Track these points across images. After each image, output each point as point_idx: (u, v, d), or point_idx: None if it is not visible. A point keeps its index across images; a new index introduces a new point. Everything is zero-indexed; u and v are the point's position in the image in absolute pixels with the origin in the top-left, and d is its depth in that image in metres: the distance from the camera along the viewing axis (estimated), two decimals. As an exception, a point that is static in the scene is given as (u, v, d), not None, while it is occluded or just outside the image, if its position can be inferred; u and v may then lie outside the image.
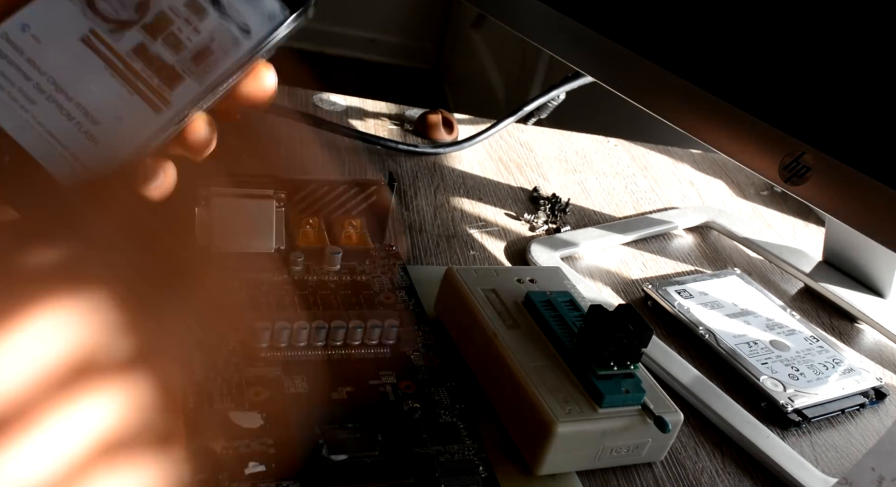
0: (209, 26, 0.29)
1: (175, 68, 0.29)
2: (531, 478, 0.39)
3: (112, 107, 0.28)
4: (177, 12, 0.29)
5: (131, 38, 0.29)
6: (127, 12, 0.29)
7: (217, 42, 0.30)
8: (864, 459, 0.33)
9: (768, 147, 0.40)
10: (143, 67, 0.29)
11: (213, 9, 0.30)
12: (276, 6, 0.31)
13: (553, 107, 0.72)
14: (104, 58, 0.28)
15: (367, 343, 0.42)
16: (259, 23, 0.30)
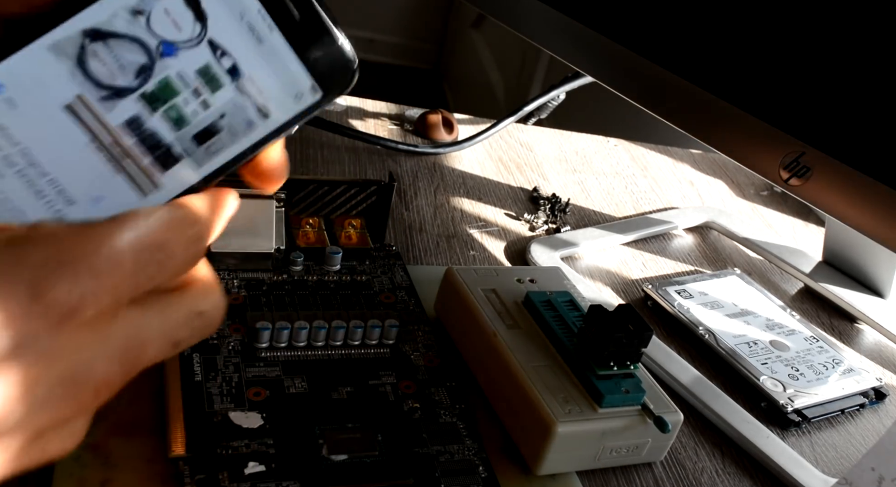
0: (221, 102, 0.25)
1: (171, 148, 0.25)
2: (531, 478, 0.39)
3: (91, 187, 0.25)
4: (186, 81, 0.25)
5: (125, 108, 0.25)
6: (125, 77, 0.24)
7: (228, 122, 0.26)
8: (864, 459, 0.33)
9: (768, 147, 0.40)
10: (134, 144, 0.25)
11: (230, 82, 0.25)
12: (307, 86, 0.26)
13: (553, 107, 0.72)
14: (90, 129, 0.24)
15: (367, 343, 0.42)
16: (282, 105, 0.26)
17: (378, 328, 0.42)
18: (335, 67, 0.26)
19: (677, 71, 0.44)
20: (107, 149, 0.25)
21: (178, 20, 0.24)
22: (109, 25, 0.24)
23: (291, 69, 0.26)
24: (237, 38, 0.25)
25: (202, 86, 0.25)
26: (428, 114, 0.71)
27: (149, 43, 0.24)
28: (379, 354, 0.42)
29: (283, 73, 0.26)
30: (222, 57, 0.25)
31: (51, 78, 0.24)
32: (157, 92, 0.25)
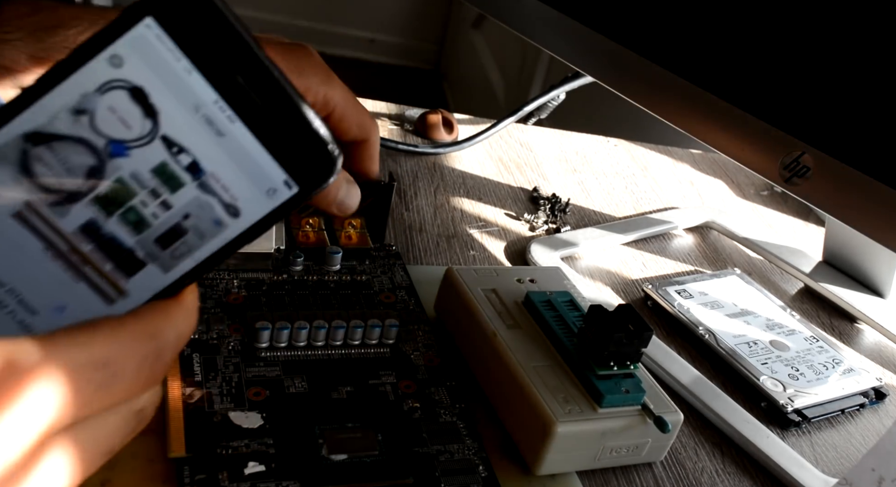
0: (183, 202, 0.23)
1: (134, 253, 0.23)
2: (531, 478, 0.38)
3: (52, 296, 0.23)
4: (141, 181, 0.23)
5: (79, 213, 0.23)
6: (74, 181, 0.22)
7: (193, 223, 0.23)
8: (865, 459, 0.33)
9: (768, 147, 0.40)
10: (92, 250, 0.23)
11: (190, 180, 0.23)
12: (279, 180, 0.23)
13: (553, 107, 0.72)
14: (44, 237, 0.23)
15: (367, 342, 0.42)
16: (253, 202, 0.23)
17: (378, 328, 0.42)
18: (311, 157, 0.23)
19: (677, 71, 0.44)
20: (64, 256, 0.23)
21: (126, 118, 0.22)
22: (51, 127, 0.22)
23: (259, 163, 0.23)
24: (194, 133, 0.22)
25: (160, 186, 0.23)
26: (428, 114, 0.71)
27: (96, 143, 0.22)
28: (379, 354, 0.42)
29: (251, 168, 0.23)
30: (179, 154, 0.23)
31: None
32: (111, 195, 0.23)
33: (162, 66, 0.22)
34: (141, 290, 0.23)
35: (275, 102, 0.23)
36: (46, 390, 0.19)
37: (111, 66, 0.22)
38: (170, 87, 0.22)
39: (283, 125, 0.23)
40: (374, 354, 0.42)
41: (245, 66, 0.22)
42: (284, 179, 0.23)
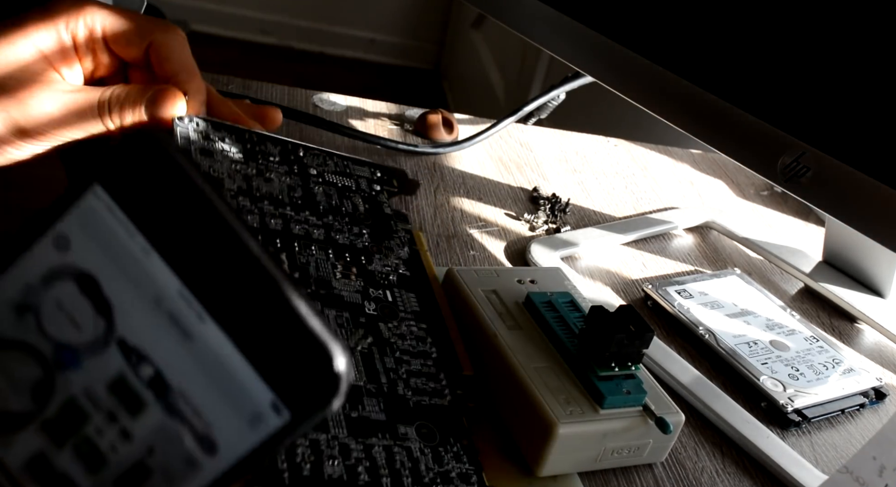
0: (146, 430, 0.17)
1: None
2: (532, 479, 0.39)
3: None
4: (96, 400, 0.18)
5: (25, 443, 0.18)
6: (19, 399, 0.18)
7: (159, 460, 0.17)
8: (866, 448, 0.33)
9: (768, 147, 0.40)
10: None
11: (153, 399, 0.17)
12: (265, 402, 0.16)
13: (553, 107, 0.72)
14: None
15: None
16: (232, 433, 0.17)
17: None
18: (306, 369, 0.16)
19: (677, 71, 0.44)
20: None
21: (76, 316, 0.18)
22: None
23: (238, 377, 0.17)
24: (156, 335, 0.17)
25: (118, 407, 0.18)
26: (428, 114, 0.71)
27: (43, 350, 0.18)
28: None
29: (227, 384, 0.17)
30: (140, 364, 0.17)
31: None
32: (62, 418, 0.18)
33: (115, 247, 0.18)
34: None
35: (256, 294, 0.17)
36: None
37: (56, 250, 0.18)
38: (126, 273, 0.17)
39: (267, 325, 0.17)
40: None
41: (217, 245, 0.17)
42: (272, 401, 0.17)
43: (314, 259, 0.43)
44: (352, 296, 0.42)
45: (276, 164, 0.48)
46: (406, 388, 0.39)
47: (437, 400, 0.39)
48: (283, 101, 0.70)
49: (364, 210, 0.48)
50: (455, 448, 0.37)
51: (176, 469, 0.17)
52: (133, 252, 0.17)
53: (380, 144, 0.66)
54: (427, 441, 0.37)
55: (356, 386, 0.38)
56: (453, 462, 0.36)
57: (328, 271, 0.43)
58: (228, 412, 0.17)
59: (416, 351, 0.41)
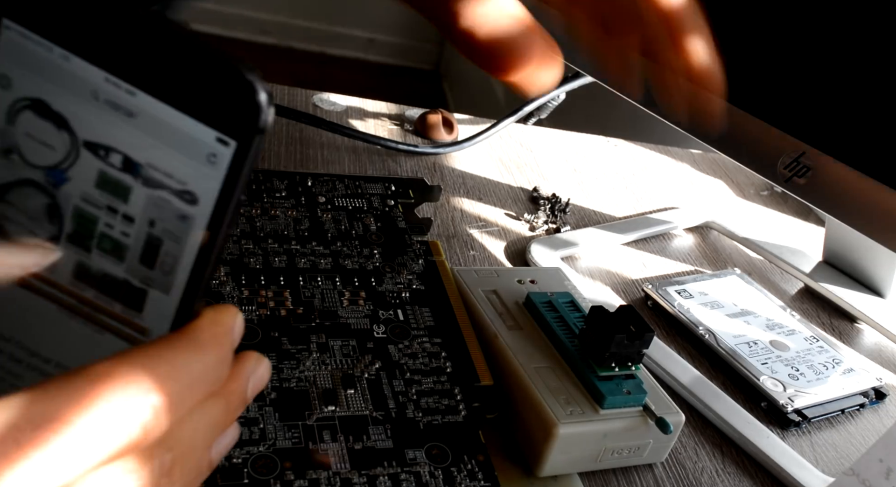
0: (140, 207, 0.21)
1: (129, 282, 0.21)
2: (533, 480, 0.39)
3: (87, 354, 0.22)
4: (93, 201, 0.21)
5: (65, 260, 0.21)
6: (42, 226, 0.21)
7: (162, 228, 0.21)
8: (872, 450, 0.33)
9: (768, 147, 0.40)
10: (96, 294, 0.22)
11: (132, 179, 0.21)
12: (211, 139, 0.20)
13: (553, 107, 0.72)
14: (52, 298, 0.22)
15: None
16: (201, 178, 0.20)
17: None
18: (231, 100, 0.20)
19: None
20: (78, 311, 0.22)
21: (46, 138, 0.21)
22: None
23: (182, 129, 0.20)
24: (108, 125, 0.20)
25: (112, 199, 0.21)
26: (428, 114, 0.71)
27: (38, 179, 0.21)
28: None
29: (177, 139, 0.20)
30: (108, 155, 0.20)
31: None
32: (79, 228, 0.21)
33: (42, 65, 0.20)
34: (157, 321, 0.22)
35: (164, 53, 0.19)
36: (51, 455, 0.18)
37: (3, 89, 0.21)
38: (60, 84, 0.20)
39: (184, 75, 0.20)
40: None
41: (118, 28, 0.19)
42: (216, 137, 0.20)
43: (319, 290, 0.43)
44: (359, 323, 0.42)
45: (283, 199, 0.49)
46: (416, 410, 0.38)
47: (451, 418, 0.38)
48: (283, 101, 0.70)
49: (376, 228, 0.49)
50: (469, 466, 0.37)
51: (176, 228, 0.21)
52: (57, 63, 0.20)
53: (380, 144, 0.66)
54: (438, 462, 0.36)
55: (361, 416, 0.37)
56: (467, 480, 0.36)
57: (335, 300, 0.43)
58: (189, 162, 0.20)
59: (429, 368, 0.41)
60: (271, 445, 0.35)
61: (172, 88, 0.20)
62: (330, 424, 0.37)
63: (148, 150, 0.20)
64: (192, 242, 0.21)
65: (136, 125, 0.20)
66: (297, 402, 0.37)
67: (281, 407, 0.37)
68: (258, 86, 0.19)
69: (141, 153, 0.20)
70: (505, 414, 0.41)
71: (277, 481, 0.34)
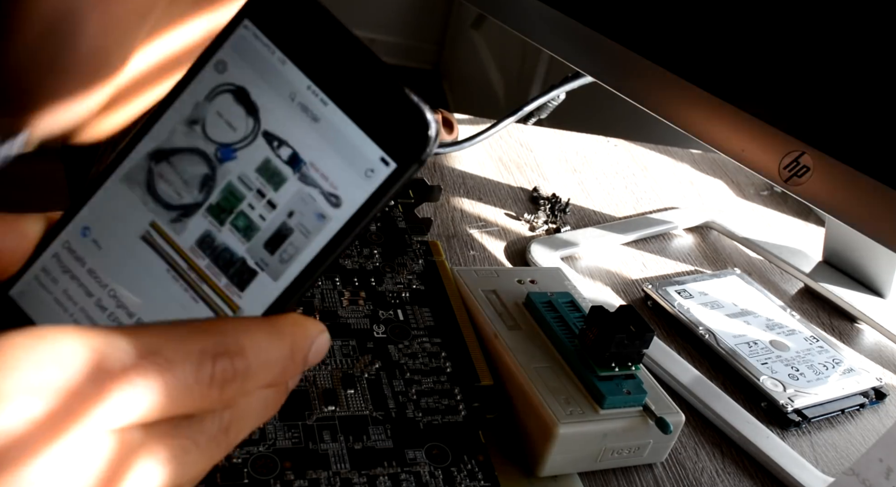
0: (287, 198, 0.23)
1: (245, 261, 0.23)
2: (533, 480, 0.39)
3: (172, 318, 0.23)
4: (248, 182, 0.23)
5: (195, 227, 0.24)
6: (190, 192, 0.24)
7: (297, 221, 0.23)
8: (872, 450, 0.33)
9: (768, 147, 0.40)
10: (208, 264, 0.23)
11: (292, 173, 0.23)
12: (376, 158, 0.23)
13: (553, 107, 0.72)
14: (166, 258, 0.24)
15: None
16: (352, 187, 0.23)
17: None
18: (405, 129, 0.22)
19: (677, 71, 0.44)
20: (184, 276, 0.24)
21: (231, 120, 0.23)
22: (170, 143, 0.24)
23: (355, 142, 0.23)
24: (292, 123, 0.23)
25: (265, 185, 0.23)
26: (428, 114, 0.70)
27: (207, 151, 0.24)
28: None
29: (347, 149, 0.23)
30: (280, 148, 0.23)
31: (126, 210, 0.24)
32: (223, 202, 0.23)
33: (259, 62, 0.23)
34: (253, 304, 0.23)
35: (364, 77, 0.23)
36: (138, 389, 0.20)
37: (217, 72, 0.24)
38: (268, 81, 0.23)
39: (373, 99, 0.23)
40: None
41: (333, 49, 0.23)
42: (381, 156, 0.22)
43: (319, 290, 0.43)
44: (359, 322, 0.42)
45: None
46: (416, 410, 0.38)
47: (451, 418, 0.38)
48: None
49: (376, 228, 0.48)
50: (469, 466, 0.37)
51: (310, 224, 0.23)
52: (273, 64, 0.23)
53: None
54: (438, 462, 0.36)
55: (361, 416, 0.37)
56: (467, 480, 0.36)
57: (334, 300, 0.43)
58: (348, 171, 0.23)
59: (429, 368, 0.41)
60: (271, 445, 0.35)
61: (359, 106, 0.23)
62: (330, 424, 0.37)
63: (317, 152, 0.23)
64: (320, 240, 0.23)
65: (316, 129, 0.23)
66: (297, 402, 0.37)
67: (281, 407, 0.36)
68: (432, 124, 0.22)
69: (309, 152, 0.23)
70: (505, 414, 0.41)
71: (277, 481, 0.34)
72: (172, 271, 0.24)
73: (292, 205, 0.23)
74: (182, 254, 0.24)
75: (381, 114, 0.23)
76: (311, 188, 0.23)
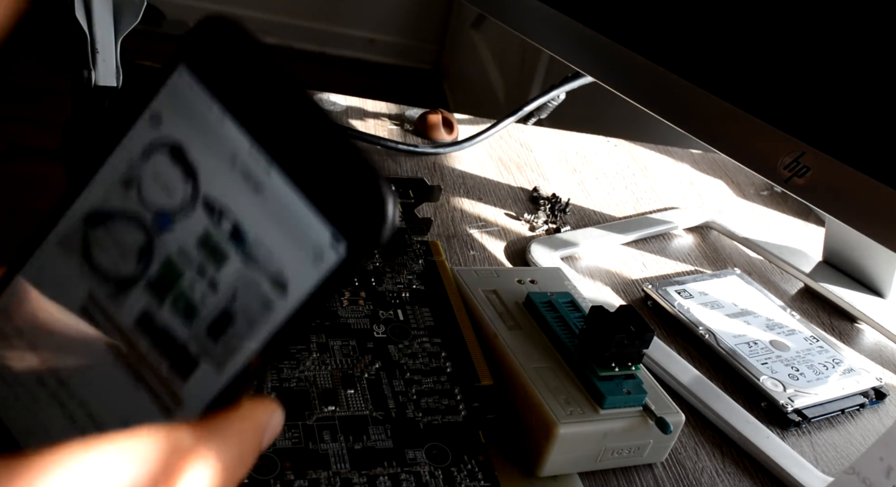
0: (230, 278, 0.20)
1: (187, 348, 0.21)
2: (533, 480, 0.39)
3: (117, 407, 0.21)
4: (188, 257, 0.21)
5: (135, 303, 0.21)
6: (127, 264, 0.21)
7: (241, 305, 0.20)
8: (873, 449, 0.33)
9: (768, 147, 0.40)
10: (149, 347, 0.21)
11: (234, 249, 0.20)
12: (325, 238, 0.19)
13: (553, 107, 0.72)
14: (105, 334, 0.21)
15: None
16: (299, 270, 0.20)
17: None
18: (359, 207, 0.19)
19: (677, 71, 0.44)
20: (125, 358, 0.21)
21: (169, 183, 0.21)
22: (106, 205, 0.21)
23: (302, 219, 0.20)
24: (233, 192, 0.20)
25: (206, 260, 0.20)
26: (428, 114, 0.71)
27: (145, 218, 0.21)
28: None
29: (293, 227, 0.20)
30: (221, 220, 0.20)
31: (65, 277, 0.21)
32: (161, 278, 0.21)
33: (197, 117, 0.21)
34: (195, 398, 0.21)
35: (313, 144, 0.20)
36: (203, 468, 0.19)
37: (151, 126, 0.21)
38: (205, 139, 0.20)
39: (324, 168, 0.19)
40: None
41: (277, 107, 0.20)
42: (331, 237, 0.19)
43: None
44: (359, 322, 0.42)
45: None
46: (416, 410, 0.38)
47: (451, 418, 0.38)
48: (283, 101, 0.69)
49: None
50: (469, 466, 0.37)
51: (255, 310, 0.20)
52: (211, 120, 0.20)
53: (380, 144, 0.66)
54: (438, 462, 0.36)
55: (361, 416, 0.37)
56: (467, 480, 0.36)
57: (334, 300, 0.43)
58: (296, 252, 0.20)
59: (429, 368, 0.41)
60: (271, 445, 0.35)
61: (307, 178, 0.20)
62: (330, 424, 0.37)
63: (260, 227, 0.20)
64: (266, 330, 0.20)
65: (259, 200, 0.20)
66: (297, 402, 0.37)
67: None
68: (389, 203, 0.19)
69: (252, 228, 0.20)
70: (505, 414, 0.41)
71: (277, 481, 0.34)
72: (111, 353, 0.21)
73: (235, 288, 0.20)
74: (121, 333, 0.21)
75: (331, 189, 0.19)
76: (255, 270, 0.20)
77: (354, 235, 0.19)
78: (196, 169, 0.20)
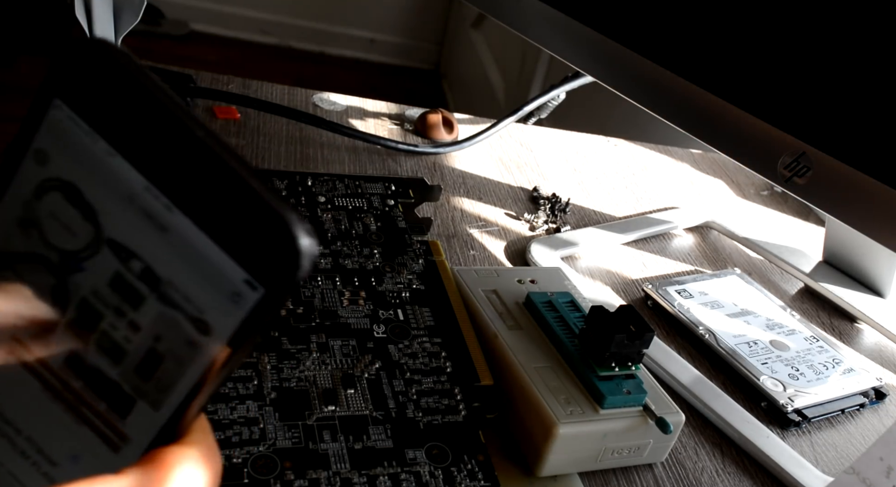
0: (149, 320, 0.19)
1: (121, 387, 0.20)
2: (533, 479, 0.39)
3: (64, 444, 0.21)
4: (103, 298, 0.19)
5: (60, 344, 0.20)
6: (45, 305, 0.20)
7: (167, 346, 0.19)
8: (873, 449, 0.33)
9: (768, 147, 0.40)
10: (83, 387, 0.20)
11: (148, 291, 0.19)
12: (239, 280, 0.18)
13: (553, 107, 0.72)
14: (37, 375, 0.20)
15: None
16: (220, 312, 0.19)
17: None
18: (269, 246, 0.18)
19: (677, 71, 0.44)
20: (61, 395, 0.20)
21: (69, 223, 0.19)
22: (9, 247, 0.20)
23: (211, 259, 0.18)
24: (137, 232, 0.19)
25: (122, 302, 0.19)
26: (428, 114, 0.71)
27: (52, 259, 0.20)
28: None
29: (204, 267, 0.18)
30: (130, 261, 0.19)
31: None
32: (81, 319, 0.20)
33: (84, 154, 0.19)
34: (139, 433, 0.20)
35: (213, 181, 0.18)
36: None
37: (38, 164, 0.19)
38: (98, 178, 0.19)
39: (229, 209, 0.18)
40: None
41: (170, 140, 0.18)
42: (244, 278, 0.18)
43: (319, 290, 0.43)
44: (359, 322, 0.42)
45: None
46: (416, 410, 0.38)
47: (451, 417, 0.38)
48: (283, 101, 0.70)
49: (376, 228, 0.48)
50: (469, 466, 0.37)
51: (181, 352, 0.19)
52: (99, 156, 0.19)
53: (380, 144, 0.66)
54: (438, 462, 0.36)
55: (361, 416, 0.37)
56: (467, 480, 0.36)
57: (334, 300, 0.43)
58: (212, 293, 0.19)
59: (429, 368, 0.41)
60: (271, 445, 0.35)
61: (212, 217, 0.18)
62: (330, 424, 0.37)
63: (172, 268, 0.19)
64: (194, 371, 0.19)
65: (165, 240, 0.19)
66: (297, 402, 0.37)
67: (281, 407, 0.37)
68: (302, 240, 0.18)
69: (164, 268, 0.19)
70: (505, 414, 0.41)
71: (277, 481, 0.34)
72: (48, 390, 0.20)
73: (157, 328, 0.19)
74: (54, 373, 0.20)
75: (238, 227, 0.18)
76: (173, 310, 0.19)
77: (269, 276, 0.18)
78: (94, 208, 0.19)
